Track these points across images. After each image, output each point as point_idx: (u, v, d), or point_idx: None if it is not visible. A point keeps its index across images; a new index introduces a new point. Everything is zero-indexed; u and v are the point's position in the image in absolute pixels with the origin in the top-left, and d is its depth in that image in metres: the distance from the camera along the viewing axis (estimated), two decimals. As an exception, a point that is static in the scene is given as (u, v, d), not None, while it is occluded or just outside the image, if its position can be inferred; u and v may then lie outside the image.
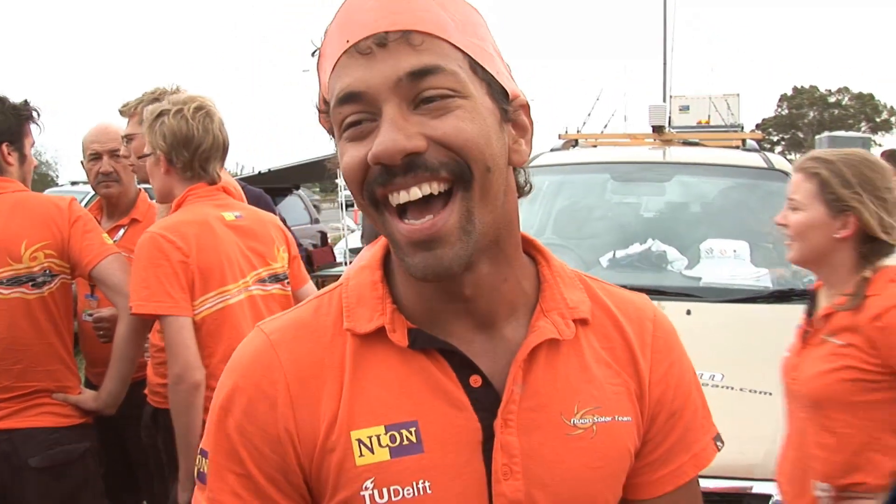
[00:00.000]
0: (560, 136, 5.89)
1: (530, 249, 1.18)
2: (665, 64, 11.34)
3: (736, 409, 2.78)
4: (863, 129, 59.53)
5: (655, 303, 3.62)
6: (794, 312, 3.53)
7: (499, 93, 1.04)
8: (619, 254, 4.05)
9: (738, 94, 25.98)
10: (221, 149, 2.84)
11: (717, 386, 2.86)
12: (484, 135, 0.99)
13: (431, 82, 0.96)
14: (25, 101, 3.05)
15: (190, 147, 2.76)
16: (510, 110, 1.05)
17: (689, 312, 3.41)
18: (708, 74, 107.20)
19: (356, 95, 0.97)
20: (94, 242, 2.88)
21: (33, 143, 3.07)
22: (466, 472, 1.04)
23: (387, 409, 1.04)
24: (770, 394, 2.83)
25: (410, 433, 1.03)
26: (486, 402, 1.06)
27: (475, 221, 0.99)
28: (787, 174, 4.42)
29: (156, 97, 3.12)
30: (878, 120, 66.26)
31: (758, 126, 70.60)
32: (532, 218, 4.98)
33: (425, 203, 0.98)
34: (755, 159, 4.69)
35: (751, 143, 5.33)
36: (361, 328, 1.07)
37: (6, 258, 2.76)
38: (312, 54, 1.08)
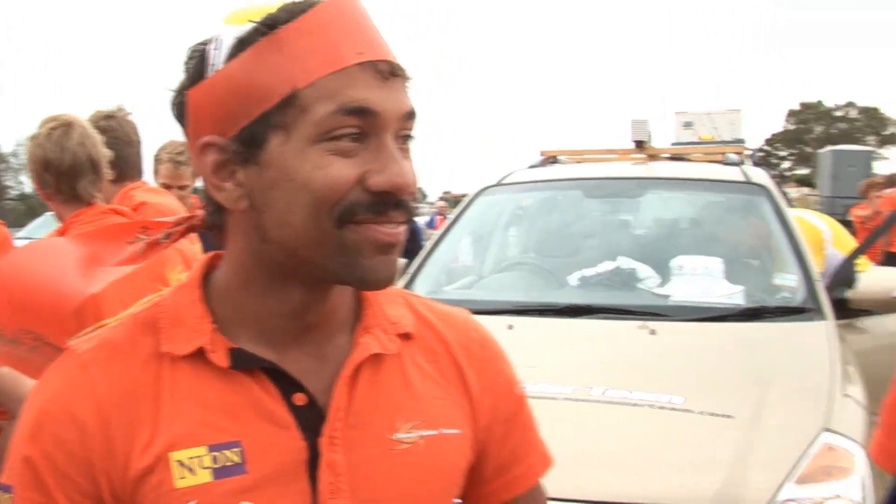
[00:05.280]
0: (542, 153, 5.79)
1: None
2: (654, 82, 11.23)
3: (693, 434, 2.64)
4: (870, 142, 59.28)
5: (622, 323, 3.52)
6: (766, 331, 3.43)
7: None
8: (589, 272, 3.93)
9: (739, 110, 26.09)
10: (87, 165, 2.67)
11: (676, 409, 2.72)
12: None
13: (412, 124, 1.02)
14: None
15: (50, 169, 2.63)
16: None
17: (653, 332, 3.28)
18: (714, 92, 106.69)
19: (368, 113, 0.96)
20: None
21: None
22: (292, 492, 1.02)
23: (209, 430, 1.01)
24: (731, 417, 2.69)
25: (234, 453, 1.00)
26: (312, 420, 1.04)
27: None
28: (765, 188, 4.31)
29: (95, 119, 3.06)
30: (884, 133, 66.04)
31: (767, 141, 70.74)
32: (514, 237, 4.90)
33: None
34: (733, 173, 4.57)
35: (732, 156, 5.20)
36: (180, 350, 1.03)
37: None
38: (265, 24, 0.98)
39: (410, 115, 1.01)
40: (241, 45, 0.98)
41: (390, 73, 0.99)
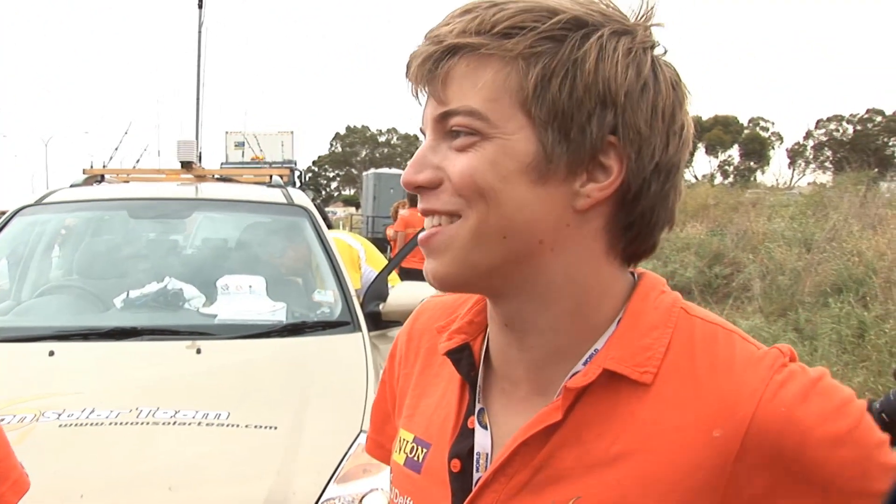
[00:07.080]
0: (84, 171, 5.61)
1: None
2: (198, 100, 11.32)
3: (239, 447, 2.75)
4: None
5: (169, 343, 3.51)
6: (307, 345, 3.65)
7: None
8: (134, 293, 3.90)
9: (292, 132, 26.80)
10: None
11: (223, 425, 2.82)
12: None
13: None
14: None
15: None
16: None
17: (199, 351, 3.35)
18: (243, 116, 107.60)
19: None
20: None
21: None
22: None
23: None
24: (275, 428, 2.85)
25: None
26: None
27: None
28: (306, 210, 4.56)
29: None
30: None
31: (314, 162, 73.61)
32: (57, 259, 4.70)
33: None
34: (276, 195, 4.78)
35: (276, 179, 5.43)
36: None
37: None
38: None
39: None
40: None
41: None
